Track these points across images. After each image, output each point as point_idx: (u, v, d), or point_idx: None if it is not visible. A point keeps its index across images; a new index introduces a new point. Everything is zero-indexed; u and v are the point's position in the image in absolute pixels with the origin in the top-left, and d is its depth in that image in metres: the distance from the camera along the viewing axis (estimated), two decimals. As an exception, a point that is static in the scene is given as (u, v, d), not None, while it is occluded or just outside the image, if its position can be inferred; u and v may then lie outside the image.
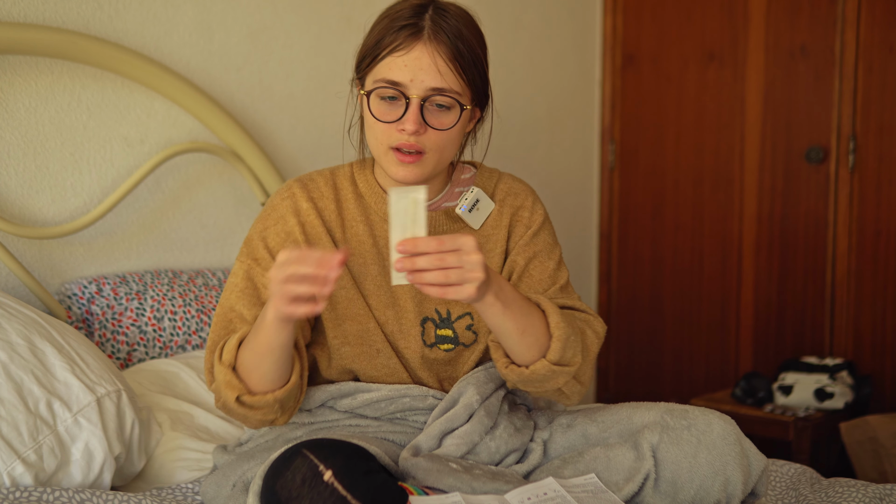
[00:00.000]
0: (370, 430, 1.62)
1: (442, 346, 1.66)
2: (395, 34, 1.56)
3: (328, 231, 1.66)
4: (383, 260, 1.66)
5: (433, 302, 1.66)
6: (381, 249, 1.66)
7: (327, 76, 2.68)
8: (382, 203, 1.67)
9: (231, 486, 1.59)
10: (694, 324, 3.39)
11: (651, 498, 1.48)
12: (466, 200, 1.67)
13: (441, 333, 1.66)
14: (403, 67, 1.55)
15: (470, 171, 1.74)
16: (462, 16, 1.61)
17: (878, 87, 2.99)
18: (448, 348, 1.66)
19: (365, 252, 1.66)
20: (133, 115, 2.30)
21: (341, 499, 1.32)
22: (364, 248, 1.66)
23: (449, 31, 1.56)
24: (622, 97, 3.50)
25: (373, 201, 1.68)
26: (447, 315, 1.67)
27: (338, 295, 1.63)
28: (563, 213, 3.40)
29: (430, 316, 1.66)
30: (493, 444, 1.57)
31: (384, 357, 1.64)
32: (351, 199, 1.68)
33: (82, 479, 1.72)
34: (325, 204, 1.67)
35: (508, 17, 3.18)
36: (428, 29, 1.56)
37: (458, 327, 1.67)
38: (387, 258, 1.65)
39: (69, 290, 2.16)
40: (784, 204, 3.18)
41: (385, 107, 1.57)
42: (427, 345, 1.65)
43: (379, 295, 1.65)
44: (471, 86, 1.60)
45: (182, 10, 2.38)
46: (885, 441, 2.65)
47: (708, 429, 1.50)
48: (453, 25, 1.57)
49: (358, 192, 1.69)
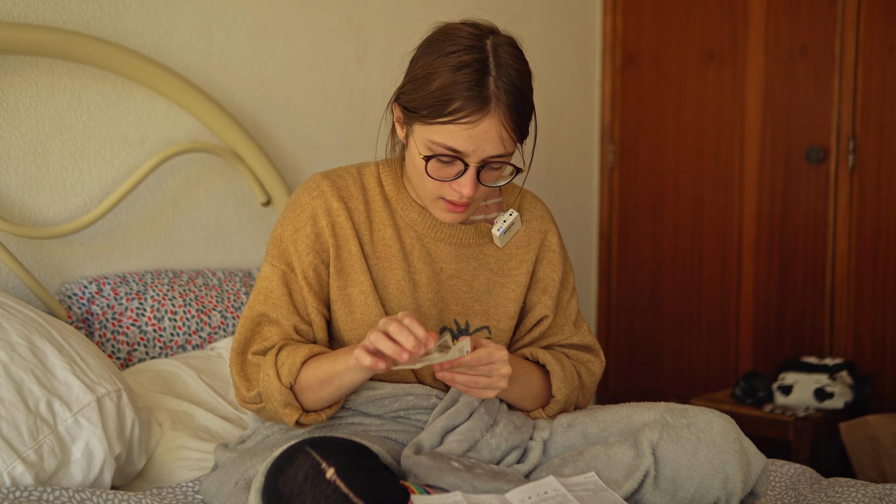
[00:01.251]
0: (372, 428, 1.63)
1: None
2: (463, 102, 1.50)
3: (356, 234, 1.65)
4: (409, 265, 1.66)
5: (454, 312, 1.67)
6: (408, 255, 1.66)
7: (327, 76, 2.68)
8: (410, 210, 1.67)
9: (233, 483, 1.60)
10: (694, 324, 3.39)
11: (651, 496, 1.49)
12: (505, 223, 1.69)
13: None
14: (468, 139, 1.52)
15: None
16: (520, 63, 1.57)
17: (877, 87, 2.99)
18: None
19: (391, 256, 1.65)
20: (133, 115, 2.30)
21: (343, 496, 1.32)
22: (391, 252, 1.65)
23: (512, 91, 1.53)
24: (622, 97, 3.50)
25: (399, 207, 1.67)
26: (465, 326, 1.68)
27: (356, 300, 1.63)
28: (563, 213, 3.40)
29: (448, 325, 1.67)
30: (494, 441, 1.58)
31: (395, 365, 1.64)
32: (379, 201, 1.67)
33: (82, 478, 1.72)
34: (354, 204, 1.66)
35: (508, 17, 3.18)
36: (494, 97, 1.51)
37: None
38: (412, 264, 1.66)
39: (69, 290, 2.16)
40: (784, 204, 3.18)
41: (440, 165, 1.55)
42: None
43: (401, 301, 1.65)
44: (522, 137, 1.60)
45: (182, 10, 2.38)
46: (885, 441, 2.65)
47: (708, 427, 1.50)
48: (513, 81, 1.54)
49: (385, 196, 1.68)
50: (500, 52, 1.54)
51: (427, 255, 1.67)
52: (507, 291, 1.70)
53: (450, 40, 1.55)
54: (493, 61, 1.53)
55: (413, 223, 1.67)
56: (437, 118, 1.52)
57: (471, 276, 1.68)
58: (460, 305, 1.67)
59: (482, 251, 1.70)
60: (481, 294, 1.69)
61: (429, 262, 1.66)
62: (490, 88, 1.51)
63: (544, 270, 1.74)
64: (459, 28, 1.57)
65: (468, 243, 1.69)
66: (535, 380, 1.66)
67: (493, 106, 1.51)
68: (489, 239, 1.71)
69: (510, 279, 1.71)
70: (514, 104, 1.53)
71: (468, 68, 1.51)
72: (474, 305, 1.68)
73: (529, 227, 1.74)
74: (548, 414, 1.67)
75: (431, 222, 1.67)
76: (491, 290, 1.69)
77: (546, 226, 1.76)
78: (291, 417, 1.53)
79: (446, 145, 1.52)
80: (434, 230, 1.67)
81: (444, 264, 1.67)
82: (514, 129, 1.54)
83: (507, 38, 1.58)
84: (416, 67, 1.57)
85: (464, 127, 1.51)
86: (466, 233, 1.69)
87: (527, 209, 1.76)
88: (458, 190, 1.55)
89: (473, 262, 1.69)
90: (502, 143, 1.53)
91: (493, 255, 1.71)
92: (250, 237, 2.54)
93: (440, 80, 1.52)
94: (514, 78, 1.53)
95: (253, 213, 2.54)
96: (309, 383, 1.53)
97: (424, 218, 1.67)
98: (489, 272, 1.70)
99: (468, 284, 1.68)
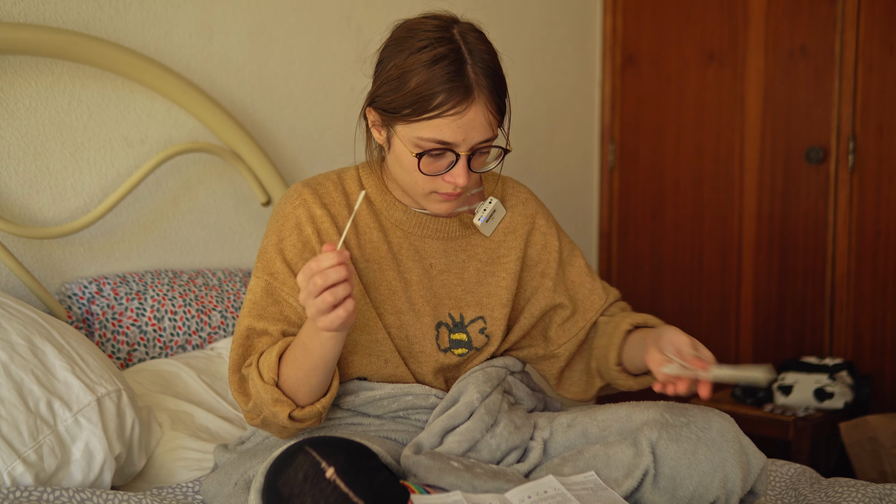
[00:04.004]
0: (372, 428, 1.63)
1: (456, 350, 1.67)
2: (448, 94, 1.50)
3: None
4: (399, 265, 1.66)
5: (447, 306, 1.67)
6: (396, 255, 1.66)
7: (327, 76, 2.68)
8: (394, 209, 1.67)
9: (233, 484, 1.60)
10: (694, 324, 3.39)
11: (651, 494, 1.49)
12: (485, 212, 1.69)
13: (455, 338, 1.67)
14: (458, 130, 1.52)
15: None
16: (484, 44, 1.57)
17: (877, 88, 2.99)
18: (462, 353, 1.67)
19: (381, 258, 1.65)
20: (133, 115, 2.30)
21: (343, 496, 1.32)
22: (379, 254, 1.65)
23: (490, 75, 1.53)
24: (622, 97, 3.50)
25: (384, 208, 1.67)
26: (461, 319, 1.68)
27: None
28: (563, 213, 3.40)
29: (443, 320, 1.67)
30: (494, 441, 1.58)
31: (392, 367, 1.64)
32: (362, 204, 1.67)
33: (82, 478, 1.72)
34: (337, 210, 1.65)
35: (508, 17, 3.19)
36: (475, 84, 1.51)
37: (472, 331, 1.68)
38: (401, 263, 1.66)
39: (69, 290, 2.16)
40: (784, 204, 3.18)
41: (432, 159, 1.55)
42: (441, 349, 1.66)
43: (394, 301, 1.64)
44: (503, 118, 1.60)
45: (182, 10, 2.38)
46: (885, 441, 2.65)
47: (707, 426, 1.51)
48: (489, 65, 1.54)
49: (368, 198, 1.68)
50: (469, 38, 1.55)
51: (416, 252, 1.67)
52: (497, 280, 1.71)
53: (417, 36, 1.54)
54: (466, 49, 1.53)
55: (399, 222, 1.67)
56: (421, 115, 1.51)
57: (461, 268, 1.69)
58: (453, 299, 1.68)
59: (469, 242, 1.71)
60: (473, 285, 1.69)
61: (418, 260, 1.67)
62: (470, 77, 1.51)
63: (539, 254, 1.75)
64: (423, 22, 1.57)
65: (455, 236, 1.70)
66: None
67: (476, 93, 1.51)
68: (475, 230, 1.71)
69: (500, 267, 1.71)
70: (494, 87, 1.54)
71: (444, 60, 1.51)
72: (467, 297, 1.68)
73: (515, 213, 1.75)
74: None
75: (417, 219, 1.67)
76: (482, 281, 1.70)
77: (532, 209, 1.77)
78: (283, 412, 1.50)
79: (436, 139, 1.52)
80: (420, 227, 1.67)
81: (433, 260, 1.68)
82: (497, 111, 1.55)
83: (469, 25, 1.59)
84: (388, 69, 1.55)
85: (451, 119, 1.51)
86: (452, 225, 1.69)
87: (510, 194, 1.77)
88: (452, 181, 1.55)
89: (462, 255, 1.70)
90: (490, 127, 1.55)
91: (481, 244, 1.71)
92: (250, 237, 2.54)
93: (418, 78, 1.51)
94: (488, 62, 1.54)
95: (253, 213, 2.54)
96: (290, 372, 1.50)
97: (409, 216, 1.67)
98: (479, 263, 1.70)
99: (459, 277, 1.69)
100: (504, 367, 1.72)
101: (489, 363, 1.70)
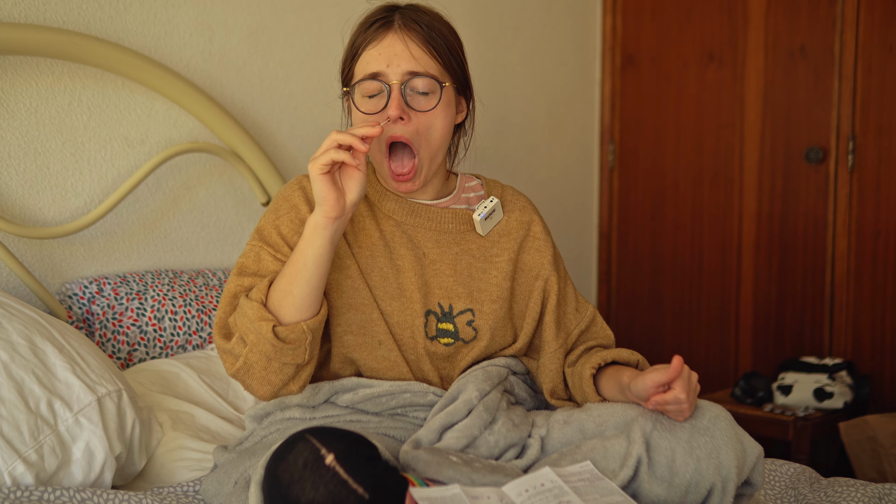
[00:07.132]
0: (370, 425, 1.63)
1: (442, 339, 1.68)
2: (367, 30, 1.65)
3: None
4: (391, 252, 1.69)
5: (437, 296, 1.69)
6: (389, 243, 1.69)
7: (327, 76, 2.68)
8: (387, 200, 1.72)
9: (233, 483, 1.60)
10: (693, 324, 3.39)
11: (648, 484, 1.50)
12: (486, 209, 1.74)
13: (442, 327, 1.69)
14: (378, 56, 1.63)
15: (474, 179, 1.82)
16: (432, 12, 1.69)
17: (877, 88, 2.99)
18: (448, 342, 1.68)
19: (373, 244, 1.69)
20: (133, 115, 2.30)
21: (342, 482, 1.32)
22: (372, 241, 1.69)
23: (419, 20, 1.65)
24: (622, 97, 3.50)
25: (376, 199, 1.72)
26: (449, 309, 1.69)
27: (344, 284, 1.66)
28: (563, 213, 3.40)
29: (432, 309, 1.68)
30: (492, 438, 1.59)
31: (385, 349, 1.65)
32: None
33: (83, 478, 1.72)
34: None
35: (508, 17, 3.19)
36: (398, 20, 1.65)
37: (459, 322, 1.69)
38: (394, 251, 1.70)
39: (70, 289, 2.16)
40: (783, 204, 3.18)
41: (369, 103, 1.65)
42: (428, 337, 1.67)
43: (385, 287, 1.67)
44: (448, 69, 1.67)
45: (182, 10, 2.38)
46: (885, 441, 2.65)
47: (700, 413, 1.52)
48: (423, 17, 1.66)
49: None
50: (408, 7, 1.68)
51: (409, 240, 1.71)
52: (489, 277, 1.73)
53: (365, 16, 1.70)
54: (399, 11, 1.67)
55: (391, 212, 1.72)
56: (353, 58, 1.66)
57: (453, 260, 1.72)
58: (443, 289, 1.70)
59: (463, 238, 1.74)
60: (464, 278, 1.72)
61: (411, 248, 1.70)
62: (394, 15, 1.66)
63: (532, 258, 1.78)
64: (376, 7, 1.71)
65: (448, 229, 1.73)
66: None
67: (396, 25, 1.64)
68: (470, 227, 1.75)
69: (492, 265, 1.74)
70: (421, 27, 1.65)
71: (378, 12, 1.68)
72: (458, 289, 1.70)
73: (511, 218, 1.79)
74: None
75: (409, 209, 1.71)
76: (474, 276, 1.72)
77: (529, 216, 1.81)
78: (267, 327, 1.51)
79: (365, 73, 1.63)
80: (413, 217, 1.71)
81: (426, 249, 1.71)
82: (423, 44, 1.64)
83: (428, 8, 1.70)
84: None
85: (372, 47, 1.64)
86: (445, 217, 1.73)
87: (509, 200, 1.81)
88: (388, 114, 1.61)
89: (455, 248, 1.73)
90: (414, 58, 1.63)
91: (475, 241, 1.75)
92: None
93: (353, 33, 1.69)
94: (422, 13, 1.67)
95: (253, 213, 2.54)
96: (276, 286, 1.55)
97: (402, 206, 1.71)
98: (471, 258, 1.73)
99: (451, 268, 1.71)
100: (506, 367, 1.73)
101: (490, 362, 1.71)
